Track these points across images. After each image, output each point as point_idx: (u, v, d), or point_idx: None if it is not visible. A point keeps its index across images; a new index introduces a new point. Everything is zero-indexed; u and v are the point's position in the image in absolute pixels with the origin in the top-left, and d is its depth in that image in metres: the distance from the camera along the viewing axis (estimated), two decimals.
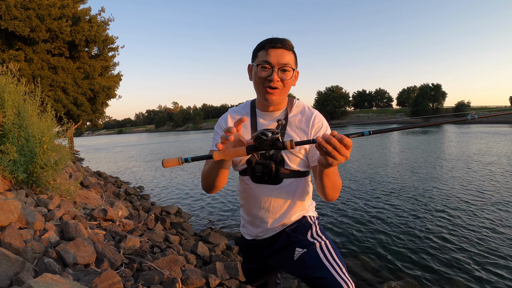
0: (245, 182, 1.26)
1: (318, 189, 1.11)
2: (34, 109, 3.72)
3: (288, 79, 1.11)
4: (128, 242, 2.67)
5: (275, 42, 1.09)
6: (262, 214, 1.26)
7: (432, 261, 3.39)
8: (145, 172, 11.60)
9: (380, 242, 3.95)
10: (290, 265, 1.20)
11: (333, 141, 0.79)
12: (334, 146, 0.79)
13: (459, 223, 4.45)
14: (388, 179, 7.83)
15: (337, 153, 0.80)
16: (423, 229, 4.29)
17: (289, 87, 1.15)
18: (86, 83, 18.48)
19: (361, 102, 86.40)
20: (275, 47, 1.09)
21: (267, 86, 1.11)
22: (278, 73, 1.09)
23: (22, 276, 1.56)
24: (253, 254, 1.40)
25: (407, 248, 3.75)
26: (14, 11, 14.48)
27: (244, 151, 0.89)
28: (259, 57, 1.11)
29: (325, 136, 0.80)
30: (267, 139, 0.85)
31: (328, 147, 0.79)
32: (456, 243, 3.81)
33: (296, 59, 1.16)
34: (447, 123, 0.94)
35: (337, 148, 0.79)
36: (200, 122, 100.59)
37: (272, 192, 1.22)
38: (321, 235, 1.25)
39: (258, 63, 1.11)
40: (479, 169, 8.57)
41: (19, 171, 3.21)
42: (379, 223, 4.65)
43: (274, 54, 1.08)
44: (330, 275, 1.07)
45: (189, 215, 5.57)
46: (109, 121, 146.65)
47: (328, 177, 1.01)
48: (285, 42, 1.10)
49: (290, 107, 1.23)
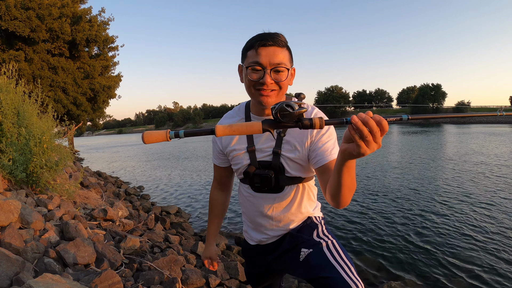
0: (245, 191, 1.23)
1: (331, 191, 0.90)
2: (34, 109, 3.72)
3: (283, 80, 1.00)
4: (128, 242, 2.67)
5: (265, 39, 0.97)
6: (265, 222, 1.21)
7: (432, 261, 3.39)
8: (145, 172, 11.59)
9: (380, 242, 3.94)
10: (295, 266, 1.14)
11: (370, 122, 0.65)
12: (371, 129, 0.65)
13: (460, 223, 4.45)
14: (388, 179, 7.82)
15: (372, 138, 0.65)
16: (423, 229, 4.29)
17: (286, 88, 1.04)
18: (86, 83, 18.50)
19: (361, 102, 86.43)
20: (265, 45, 0.96)
21: (260, 89, 1.00)
22: (271, 75, 0.98)
23: (22, 276, 1.56)
24: (257, 259, 1.35)
25: (407, 248, 3.74)
26: (14, 11, 14.50)
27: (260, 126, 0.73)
28: (249, 57, 1.00)
29: (362, 116, 0.66)
30: (293, 112, 0.70)
31: (365, 130, 0.65)
32: (456, 243, 3.80)
33: (291, 55, 1.04)
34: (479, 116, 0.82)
35: (373, 131, 0.65)
36: (200, 122, 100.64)
37: (274, 201, 1.17)
38: (327, 235, 1.19)
39: (248, 65, 0.99)
40: (480, 169, 8.57)
41: (18, 171, 3.21)
42: (378, 222, 4.64)
43: (265, 53, 0.96)
44: (338, 274, 1.00)
45: (189, 215, 5.57)
46: (109, 121, 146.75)
47: (349, 172, 0.81)
48: (277, 38, 0.98)
49: None
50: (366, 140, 0.66)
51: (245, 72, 1.02)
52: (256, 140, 1.13)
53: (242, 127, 0.74)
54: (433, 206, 5.35)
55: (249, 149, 1.13)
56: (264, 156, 1.12)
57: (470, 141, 16.89)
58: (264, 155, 1.12)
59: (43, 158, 3.41)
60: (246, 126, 0.73)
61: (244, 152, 1.15)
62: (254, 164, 1.13)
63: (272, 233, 1.23)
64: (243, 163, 1.16)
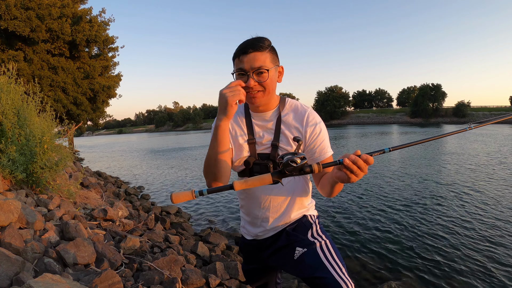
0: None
1: (323, 190, 1.14)
2: (33, 108, 3.72)
3: (265, 81, 1.09)
4: (128, 242, 2.67)
5: (245, 47, 1.08)
6: (262, 213, 1.27)
7: (432, 261, 3.39)
8: (145, 172, 11.59)
9: (380, 242, 3.95)
10: (290, 264, 1.21)
11: (359, 162, 0.85)
12: (359, 166, 0.85)
13: (460, 223, 4.45)
14: (387, 178, 7.82)
15: (361, 171, 0.86)
16: (423, 229, 4.29)
17: (272, 86, 1.13)
18: (86, 83, 18.49)
19: (361, 102, 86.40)
20: (246, 52, 1.07)
21: (248, 92, 1.10)
22: (254, 77, 1.08)
23: (22, 276, 1.56)
24: (253, 255, 1.40)
25: (407, 248, 3.75)
26: (14, 11, 14.48)
27: (270, 178, 0.89)
28: (236, 65, 1.12)
29: (352, 157, 0.85)
30: (297, 166, 0.86)
31: (354, 168, 0.85)
32: (456, 243, 3.81)
33: (275, 54, 1.14)
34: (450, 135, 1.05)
35: (362, 168, 0.85)
36: (200, 122, 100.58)
37: (272, 191, 1.24)
38: (321, 235, 1.25)
39: (234, 72, 1.12)
40: (481, 170, 8.57)
41: (19, 171, 3.21)
42: (378, 222, 4.65)
43: (246, 60, 1.07)
44: (330, 275, 1.08)
45: (189, 215, 5.57)
46: (109, 121, 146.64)
47: (340, 186, 1.06)
48: (256, 44, 1.07)
49: (283, 105, 1.23)
50: (355, 174, 0.87)
51: (234, 78, 1.13)
52: (256, 133, 1.23)
53: (256, 180, 0.91)
54: (433, 206, 5.36)
55: (250, 141, 1.22)
56: (263, 148, 1.21)
57: (469, 142, 16.89)
58: (263, 147, 1.21)
59: (44, 158, 3.40)
60: (259, 179, 0.90)
61: (245, 144, 1.23)
62: (253, 155, 1.22)
63: (268, 225, 1.28)
64: (243, 154, 1.23)
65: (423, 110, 62.57)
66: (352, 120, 70.84)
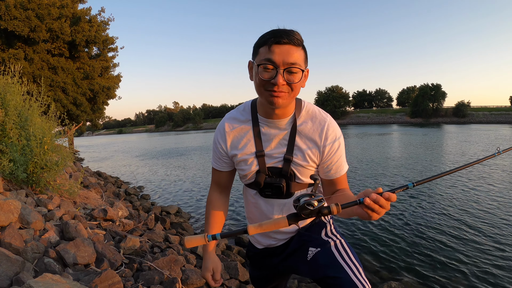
0: (252, 197, 1.18)
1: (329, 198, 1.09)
2: (35, 109, 3.72)
3: (296, 82, 0.93)
4: (128, 242, 2.67)
5: (279, 36, 0.89)
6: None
7: (432, 261, 3.39)
8: (145, 172, 11.59)
9: (380, 242, 3.95)
10: (303, 266, 1.11)
11: (381, 201, 0.76)
12: (381, 205, 0.77)
13: (459, 223, 4.45)
14: (387, 178, 7.83)
15: (383, 209, 0.78)
16: (423, 229, 4.29)
17: (298, 90, 0.97)
18: (86, 83, 18.50)
19: (361, 102, 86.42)
20: (279, 42, 0.89)
21: (271, 90, 0.93)
22: (284, 75, 0.90)
23: (22, 276, 1.56)
24: (263, 262, 1.32)
25: (407, 248, 3.75)
26: (13, 11, 14.49)
27: (286, 222, 0.81)
28: (261, 54, 0.92)
29: (373, 197, 0.76)
30: (314, 209, 0.78)
31: (376, 207, 0.77)
32: (456, 243, 3.80)
33: (306, 55, 0.97)
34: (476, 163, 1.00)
35: (384, 206, 0.77)
36: (200, 122, 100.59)
37: (284, 206, 1.14)
38: (335, 234, 1.16)
39: (259, 63, 0.92)
40: (482, 170, 8.56)
41: (19, 171, 3.21)
42: (378, 222, 4.64)
43: (278, 51, 0.89)
44: (346, 275, 0.98)
45: (189, 215, 5.57)
46: (109, 121, 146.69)
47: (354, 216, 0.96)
48: (293, 36, 0.90)
49: (299, 111, 1.06)
50: (377, 212, 0.78)
51: (255, 70, 0.95)
52: (266, 144, 1.08)
53: (271, 224, 0.81)
54: (433, 205, 5.35)
55: (258, 154, 1.08)
56: (274, 162, 1.08)
57: (470, 142, 16.88)
58: (274, 161, 1.08)
59: (44, 159, 3.41)
60: (275, 224, 0.81)
61: (253, 158, 1.10)
62: (263, 170, 1.08)
63: (281, 236, 1.21)
64: (251, 169, 1.10)
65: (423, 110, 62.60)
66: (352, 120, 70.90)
